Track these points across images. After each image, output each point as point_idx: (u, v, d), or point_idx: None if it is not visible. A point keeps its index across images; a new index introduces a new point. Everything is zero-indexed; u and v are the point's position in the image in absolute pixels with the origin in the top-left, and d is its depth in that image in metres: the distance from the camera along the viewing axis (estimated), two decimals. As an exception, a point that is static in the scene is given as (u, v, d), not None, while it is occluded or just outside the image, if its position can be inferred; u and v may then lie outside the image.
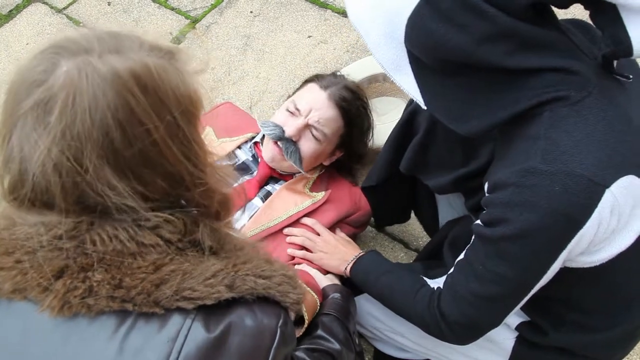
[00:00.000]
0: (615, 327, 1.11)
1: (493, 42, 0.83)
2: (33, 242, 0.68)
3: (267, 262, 0.78)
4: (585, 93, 0.87)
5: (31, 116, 0.64)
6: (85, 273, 0.68)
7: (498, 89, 0.89)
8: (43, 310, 0.68)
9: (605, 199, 0.85)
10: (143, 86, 0.65)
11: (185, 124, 0.69)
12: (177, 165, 0.70)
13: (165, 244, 0.70)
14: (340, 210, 1.54)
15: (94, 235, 0.68)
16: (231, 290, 0.71)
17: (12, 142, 0.66)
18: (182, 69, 0.70)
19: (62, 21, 2.43)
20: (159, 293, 0.68)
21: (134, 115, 0.65)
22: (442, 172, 1.26)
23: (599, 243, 0.92)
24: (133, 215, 0.68)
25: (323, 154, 1.55)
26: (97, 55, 0.65)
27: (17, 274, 0.69)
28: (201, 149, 0.73)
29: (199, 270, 0.71)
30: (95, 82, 0.63)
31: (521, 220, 0.88)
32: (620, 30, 0.81)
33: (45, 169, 0.64)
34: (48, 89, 0.64)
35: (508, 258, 0.94)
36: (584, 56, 0.90)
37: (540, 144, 0.87)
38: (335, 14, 2.38)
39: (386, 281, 1.21)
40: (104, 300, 0.67)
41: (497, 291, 0.98)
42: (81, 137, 0.63)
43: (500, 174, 0.92)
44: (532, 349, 1.19)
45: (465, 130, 0.94)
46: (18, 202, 0.69)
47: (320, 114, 1.48)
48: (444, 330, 1.06)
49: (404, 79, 0.94)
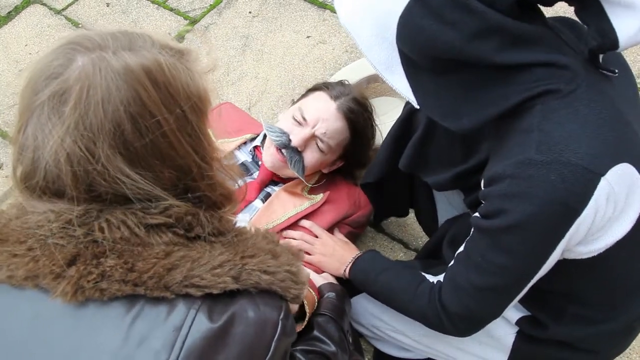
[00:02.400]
0: (615, 318, 1.12)
1: (482, 38, 0.84)
2: (44, 230, 0.70)
3: (273, 256, 0.79)
4: (575, 86, 0.88)
5: (47, 107, 0.67)
6: (98, 259, 0.70)
7: (488, 85, 0.90)
8: (56, 297, 0.70)
9: (601, 187, 0.86)
10: (154, 81, 0.69)
11: (194, 118, 0.73)
12: (186, 157, 0.73)
13: (172, 233, 0.73)
14: (339, 211, 1.54)
15: (102, 222, 0.70)
16: (237, 282, 0.73)
17: (28, 132, 0.69)
18: (191, 68, 0.74)
19: (61, 22, 2.43)
20: (169, 277, 0.70)
21: (145, 108, 0.68)
22: (441, 169, 1.27)
23: (596, 232, 0.93)
24: (143, 204, 0.71)
25: (325, 163, 1.55)
26: (111, 51, 0.69)
27: (29, 260, 0.71)
28: (209, 143, 0.76)
29: (206, 258, 0.73)
30: (108, 76, 0.67)
31: (519, 211, 0.89)
32: (605, 24, 0.82)
33: (58, 158, 0.67)
34: (64, 81, 0.67)
35: (507, 249, 0.94)
36: (572, 51, 0.91)
37: (534, 136, 0.88)
38: (334, 14, 2.38)
39: (385, 279, 1.21)
40: (117, 284, 0.69)
41: (497, 282, 0.99)
42: (94, 127, 0.67)
43: (495, 168, 0.93)
44: (533, 343, 1.20)
45: (458, 127, 0.95)
46: (30, 191, 0.71)
47: (328, 126, 1.47)
48: (445, 322, 1.07)
49: (396, 79, 0.95)
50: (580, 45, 0.93)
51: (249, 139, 1.64)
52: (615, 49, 0.84)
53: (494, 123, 0.94)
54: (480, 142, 1.16)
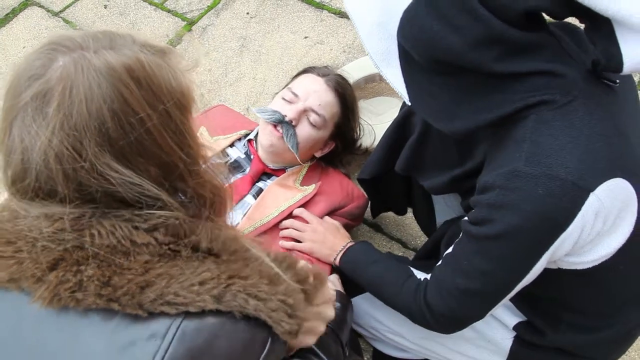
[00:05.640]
0: (611, 327, 1.11)
1: (484, 46, 0.84)
2: (35, 233, 0.70)
3: (270, 282, 0.75)
4: (571, 97, 0.87)
5: (31, 108, 0.67)
6: (79, 267, 0.69)
7: (484, 92, 0.90)
8: (35, 301, 0.69)
9: (589, 203, 0.85)
10: (136, 79, 0.68)
11: (177, 115, 0.72)
12: (171, 154, 0.72)
13: (158, 245, 0.71)
14: (332, 201, 1.54)
15: (93, 229, 0.69)
16: (218, 303, 0.70)
17: (13, 134, 0.68)
18: (173, 66, 0.73)
19: (59, 24, 2.43)
20: (142, 296, 0.69)
21: (128, 105, 0.68)
22: (437, 172, 1.26)
23: (584, 245, 0.93)
24: (135, 209, 0.70)
25: (318, 142, 1.55)
26: (92, 50, 0.68)
27: (14, 263, 0.70)
28: (194, 140, 0.76)
29: (187, 274, 0.71)
30: (90, 75, 0.67)
31: (505, 221, 0.89)
32: (614, 48, 0.81)
33: (47, 158, 0.67)
34: (46, 81, 0.67)
35: (491, 257, 0.95)
36: (572, 60, 0.90)
37: (525, 147, 0.88)
38: (332, 14, 2.39)
39: (374, 271, 1.22)
40: (92, 296, 0.69)
41: (481, 287, 0.99)
42: (79, 126, 0.66)
43: (487, 177, 0.93)
44: (530, 349, 1.20)
45: (449, 129, 0.95)
46: (21, 193, 0.71)
47: (320, 98, 1.50)
48: (429, 320, 1.08)
49: (391, 72, 0.95)
50: (581, 54, 0.92)
51: (243, 135, 1.65)
52: (618, 72, 0.83)
53: (491, 129, 0.93)
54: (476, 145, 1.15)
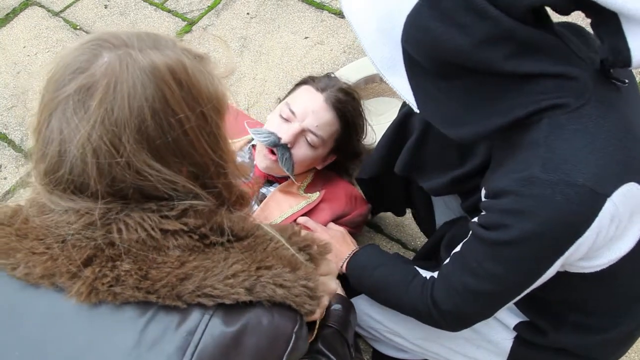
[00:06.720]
0: (615, 327, 1.11)
1: (493, 44, 0.82)
2: (64, 230, 0.71)
3: (292, 269, 0.79)
4: (584, 100, 0.86)
5: (73, 100, 0.68)
6: (114, 262, 0.71)
7: (494, 95, 0.88)
8: (71, 296, 0.71)
9: (606, 209, 0.85)
10: (178, 80, 0.70)
11: (214, 119, 0.75)
12: (204, 156, 0.74)
13: (188, 237, 0.73)
14: (336, 209, 1.53)
15: (120, 223, 0.71)
16: (250, 294, 0.73)
17: (52, 125, 0.69)
18: (210, 72, 0.75)
19: (59, 24, 2.43)
20: (182, 287, 0.71)
21: (169, 105, 0.69)
22: (437, 174, 1.26)
23: (597, 250, 0.92)
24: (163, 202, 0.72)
25: (317, 159, 1.52)
26: (137, 49, 0.70)
27: (47, 259, 0.72)
28: (225, 144, 0.78)
29: (220, 267, 0.74)
30: (135, 72, 0.68)
31: (520, 227, 0.88)
32: (621, 42, 0.80)
33: (85, 152, 0.68)
34: (90, 75, 0.68)
35: (504, 261, 0.94)
36: (581, 61, 0.89)
37: (540, 153, 0.86)
38: (332, 15, 2.39)
39: (380, 274, 1.22)
40: (130, 290, 0.70)
41: (491, 289, 0.99)
42: (119, 123, 0.67)
43: (498, 182, 0.91)
44: (531, 349, 1.20)
45: (459, 135, 0.93)
46: (52, 185, 0.71)
47: (318, 118, 1.45)
48: (436, 318, 1.08)
49: (397, 80, 0.93)
50: (590, 54, 0.90)
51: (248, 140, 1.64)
52: (627, 67, 0.82)
53: (501, 133, 0.91)
54: (477, 146, 1.15)
